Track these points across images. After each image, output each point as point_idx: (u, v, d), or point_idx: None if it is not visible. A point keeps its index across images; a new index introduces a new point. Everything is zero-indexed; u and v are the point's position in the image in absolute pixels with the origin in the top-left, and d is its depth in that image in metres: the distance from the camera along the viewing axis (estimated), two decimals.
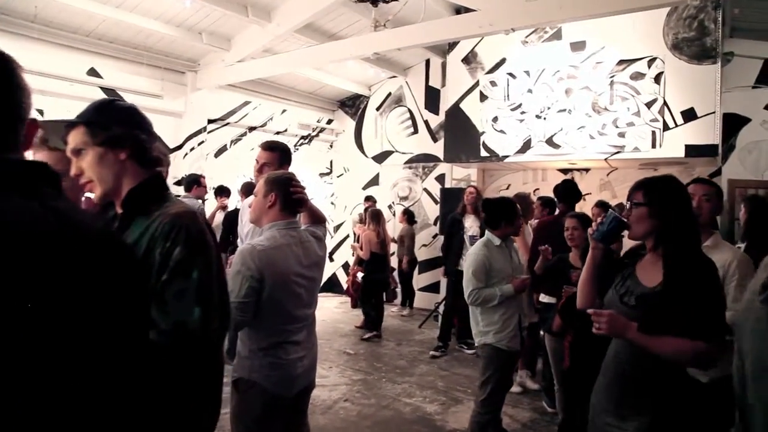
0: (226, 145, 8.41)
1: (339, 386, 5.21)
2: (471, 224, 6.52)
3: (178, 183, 6.97)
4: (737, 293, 2.41)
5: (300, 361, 2.37)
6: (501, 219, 3.69)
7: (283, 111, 9.31)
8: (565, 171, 8.15)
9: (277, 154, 3.25)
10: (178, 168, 7.40)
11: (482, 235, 6.59)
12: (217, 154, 8.28)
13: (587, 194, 8.01)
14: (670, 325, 1.84)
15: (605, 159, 6.70)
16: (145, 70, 7.13)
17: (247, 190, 6.69)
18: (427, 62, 9.23)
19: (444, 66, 8.91)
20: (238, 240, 3.46)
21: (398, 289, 8.55)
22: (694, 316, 1.84)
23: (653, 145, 6.37)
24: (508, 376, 3.81)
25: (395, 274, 8.54)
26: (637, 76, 6.46)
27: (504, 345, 3.57)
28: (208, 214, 6.69)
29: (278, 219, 2.41)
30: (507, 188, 8.61)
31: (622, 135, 6.53)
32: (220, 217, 6.95)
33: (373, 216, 7.04)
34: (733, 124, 6.80)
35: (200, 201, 5.93)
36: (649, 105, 6.39)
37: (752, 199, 3.87)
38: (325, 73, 8.90)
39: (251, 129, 8.79)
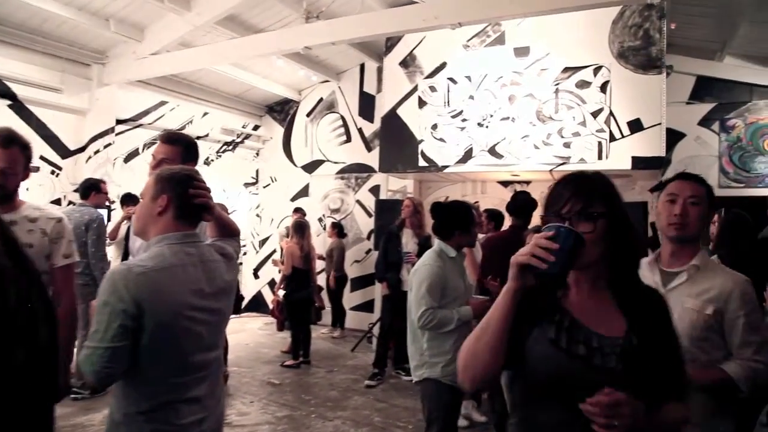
0: (138, 148, 7.52)
1: (261, 426, 4.49)
2: (408, 240, 5.97)
3: (76, 190, 6.05)
4: (749, 336, 1.86)
5: (199, 425, 1.70)
6: (455, 227, 3.15)
7: (205, 114, 8.50)
8: (505, 183, 7.81)
9: (179, 148, 2.58)
10: (79, 173, 6.48)
11: (420, 254, 6.21)
12: (127, 159, 7.37)
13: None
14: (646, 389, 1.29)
15: (550, 171, 6.36)
16: (40, 59, 6.19)
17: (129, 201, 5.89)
18: (362, 66, 8.70)
19: (380, 70, 8.40)
20: (130, 257, 2.72)
21: (327, 309, 7.86)
22: (670, 372, 1.35)
23: (599, 156, 6.08)
24: (456, 414, 3.27)
25: (324, 293, 7.88)
26: (583, 84, 6.18)
27: (451, 380, 2.96)
28: (110, 227, 5.80)
29: (170, 230, 1.75)
30: (445, 200, 8.16)
31: (567, 145, 6.22)
32: (125, 229, 6.07)
33: (296, 228, 6.36)
34: (669, 138, 6.64)
35: (99, 211, 5.06)
36: (595, 114, 6.11)
37: (729, 212, 3.52)
38: (252, 73, 8.19)
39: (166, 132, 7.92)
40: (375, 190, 8.55)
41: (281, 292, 6.54)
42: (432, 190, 8.29)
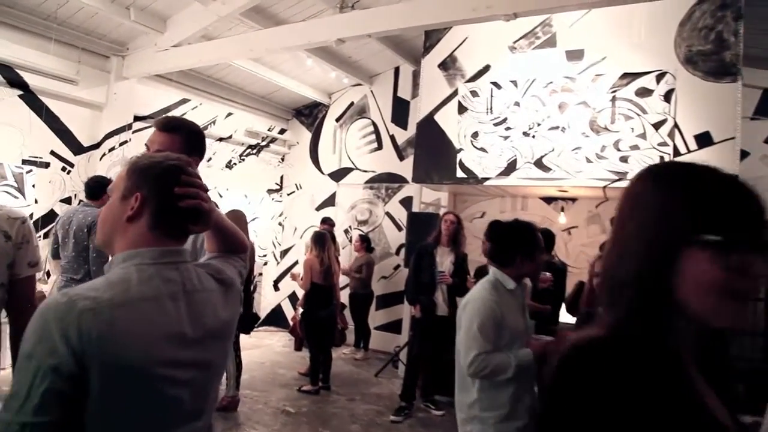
0: None
1: None
2: (443, 258, 5.39)
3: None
4: None
5: None
6: (517, 252, 2.55)
7: (229, 114, 8.05)
8: (549, 200, 7.17)
9: (179, 137, 2.06)
10: (92, 171, 6.05)
11: (455, 274, 5.40)
12: None
13: (572, 227, 7.07)
14: None
15: (603, 187, 5.71)
16: (55, 48, 5.77)
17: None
18: (396, 70, 8.18)
19: (416, 74, 7.89)
20: None
21: (350, 327, 7.29)
22: None
23: None
24: None
25: (347, 311, 7.33)
26: (644, 92, 5.54)
27: None
28: None
29: (144, 244, 1.21)
30: (481, 216, 7.57)
31: (624, 160, 5.57)
32: None
33: (316, 239, 5.80)
34: None
35: None
36: (657, 126, 5.46)
37: None
38: (280, 73, 7.72)
39: None
40: (406, 202, 7.98)
41: (300, 310, 5.98)
42: (468, 204, 7.69)
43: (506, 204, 7.45)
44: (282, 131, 9.09)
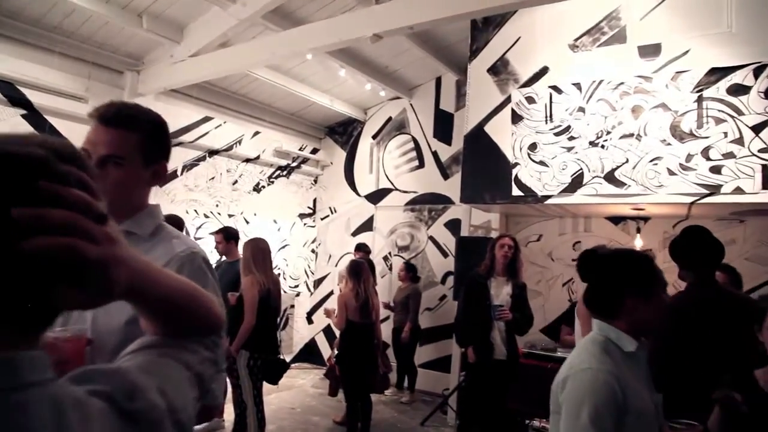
0: (176, 170, 6.46)
1: None
2: (499, 290, 4.55)
3: None
4: None
5: None
6: (628, 293, 1.73)
7: (256, 134, 7.42)
8: (616, 220, 6.27)
9: (136, 135, 1.37)
10: None
11: (515, 308, 4.46)
12: (162, 183, 6.31)
13: (646, 251, 6.11)
14: None
15: (691, 203, 4.80)
16: (61, 63, 5.23)
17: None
18: (438, 80, 7.45)
19: (459, 84, 7.16)
20: None
21: (392, 373, 6.44)
22: None
23: (765, 185, 4.50)
24: None
25: (390, 351, 6.52)
26: (739, 89, 4.65)
27: None
28: None
29: None
30: (538, 239, 6.70)
31: (716, 170, 4.67)
32: None
33: (352, 270, 4.99)
34: None
35: None
36: (757, 129, 4.55)
37: None
38: (310, 87, 7.07)
39: (212, 153, 6.86)
40: (452, 225, 7.17)
41: (336, 351, 5.18)
42: (521, 227, 6.83)
43: (566, 225, 6.57)
44: (314, 151, 8.42)
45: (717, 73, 4.75)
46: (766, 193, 4.51)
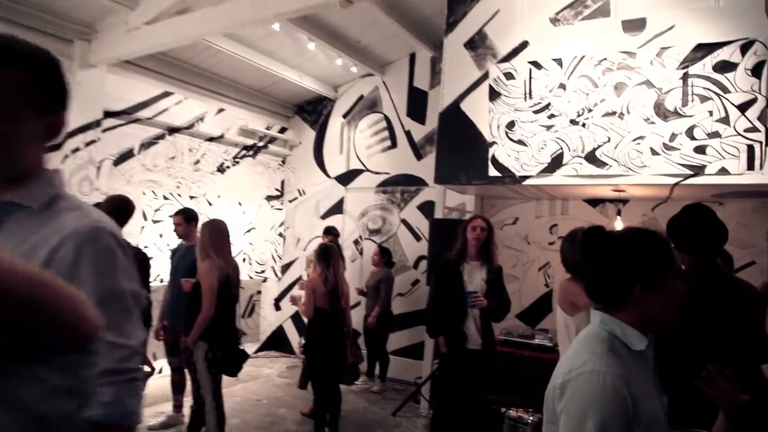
0: (132, 149, 6.04)
1: None
2: (473, 275, 4.23)
3: None
4: None
5: None
6: (635, 278, 1.47)
7: (220, 111, 7.02)
8: (594, 202, 6.09)
9: (24, 74, 1.03)
10: None
11: (490, 294, 4.09)
12: (117, 162, 5.89)
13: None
14: None
15: (674, 185, 4.62)
16: (4, 29, 4.76)
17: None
18: (412, 57, 7.14)
19: (434, 61, 6.87)
20: None
21: (363, 363, 6.19)
22: None
23: (750, 166, 4.33)
24: None
25: (361, 339, 6.27)
26: (725, 66, 4.45)
27: None
28: None
29: None
30: (514, 222, 6.49)
31: (700, 150, 4.49)
32: None
33: (320, 254, 4.66)
34: None
35: None
36: (743, 108, 4.37)
37: None
38: (277, 61, 6.70)
39: (172, 131, 6.45)
40: (425, 207, 6.92)
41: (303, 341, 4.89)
42: (497, 209, 6.61)
43: (543, 208, 6.37)
44: (282, 130, 8.05)
45: (703, 50, 4.55)
46: (751, 175, 4.34)
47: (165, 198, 6.30)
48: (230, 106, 7.12)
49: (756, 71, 4.36)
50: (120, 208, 3.54)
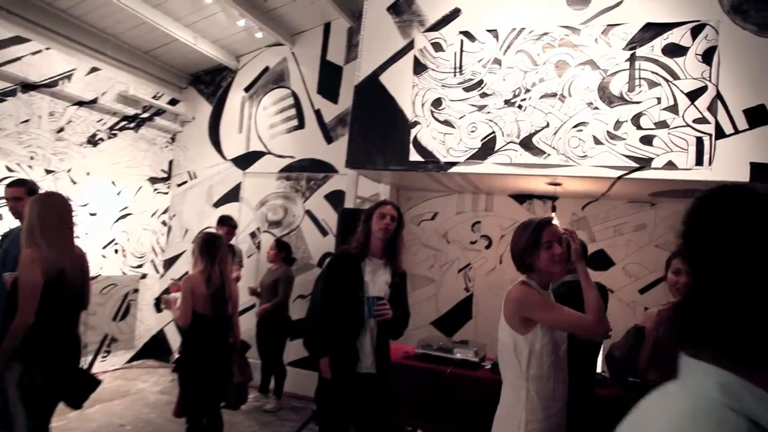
0: None
1: None
2: (375, 276, 3.27)
3: None
4: None
5: None
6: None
7: (93, 70, 5.85)
8: (521, 198, 5.54)
9: None
10: None
11: (393, 302, 3.09)
12: None
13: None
14: None
15: (618, 178, 4.11)
16: None
17: None
18: (327, 27, 6.32)
19: (351, 34, 6.10)
20: None
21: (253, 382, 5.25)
22: None
23: (699, 161, 3.89)
24: None
25: (254, 349, 5.35)
26: (675, 50, 4.00)
27: None
28: None
29: None
30: (432, 218, 5.83)
31: (647, 141, 4.00)
32: None
33: (203, 246, 3.68)
34: None
35: None
36: (692, 96, 3.93)
37: None
38: (167, 16, 5.65)
39: (26, 87, 5.23)
40: (334, 197, 6.11)
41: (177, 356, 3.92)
42: (414, 202, 5.92)
43: (465, 202, 5.74)
44: (173, 102, 6.94)
45: (652, 29, 4.08)
46: (699, 171, 3.90)
47: (9, 170, 5.06)
48: (107, 66, 5.96)
49: (707, 57, 3.93)
50: None
